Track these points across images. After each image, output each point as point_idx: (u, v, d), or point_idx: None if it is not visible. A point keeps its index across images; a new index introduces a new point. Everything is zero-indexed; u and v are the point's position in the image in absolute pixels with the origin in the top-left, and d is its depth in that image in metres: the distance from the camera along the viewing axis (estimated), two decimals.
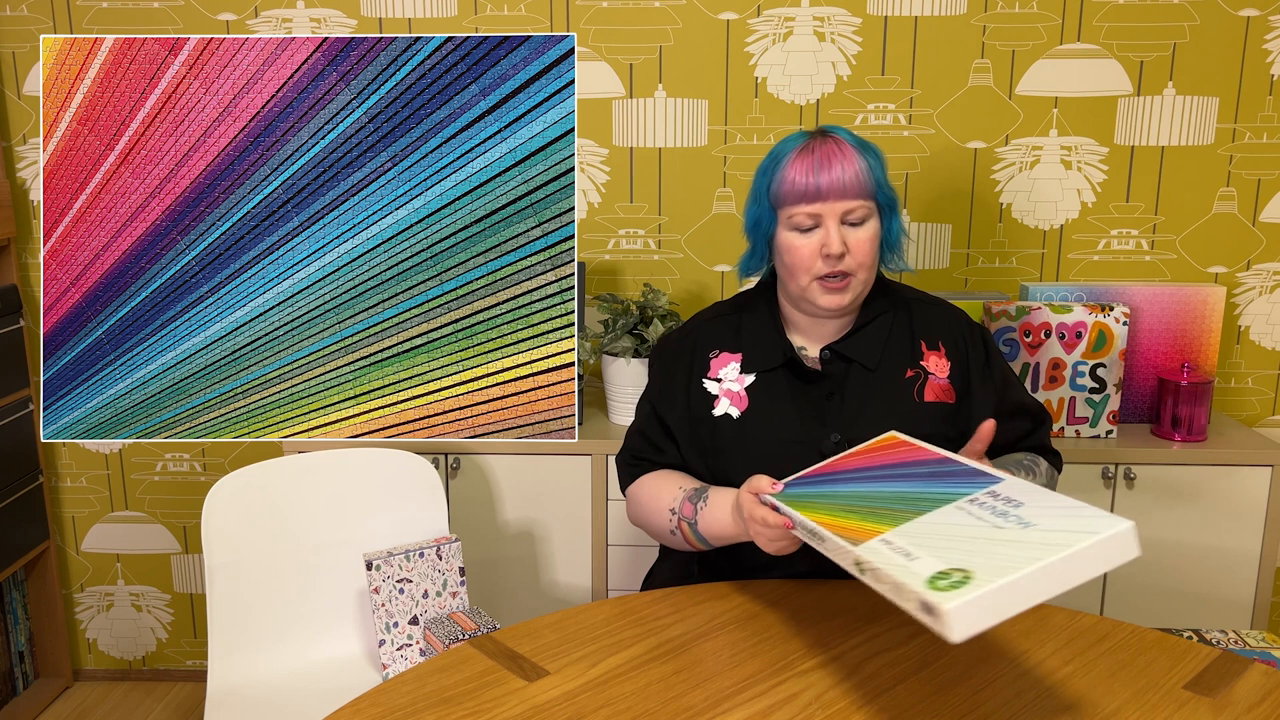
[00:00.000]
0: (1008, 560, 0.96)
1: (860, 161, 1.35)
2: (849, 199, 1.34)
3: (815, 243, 1.36)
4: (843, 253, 1.35)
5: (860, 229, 1.36)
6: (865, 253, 1.36)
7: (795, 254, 1.37)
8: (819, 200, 1.34)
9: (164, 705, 2.46)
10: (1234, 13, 2.13)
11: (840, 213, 1.35)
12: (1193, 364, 2.09)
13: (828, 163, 1.34)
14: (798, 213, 1.36)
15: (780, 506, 1.20)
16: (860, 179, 1.34)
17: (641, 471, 1.51)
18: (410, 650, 1.70)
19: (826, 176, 1.34)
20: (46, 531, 2.42)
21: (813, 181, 1.34)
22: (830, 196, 1.34)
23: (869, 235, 1.36)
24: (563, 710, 1.09)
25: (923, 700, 1.10)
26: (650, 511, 1.46)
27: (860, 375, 1.42)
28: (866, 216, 1.36)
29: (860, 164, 1.35)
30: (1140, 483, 2.01)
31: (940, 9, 2.15)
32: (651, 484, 1.47)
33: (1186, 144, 2.20)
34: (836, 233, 1.35)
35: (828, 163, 1.34)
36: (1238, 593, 2.04)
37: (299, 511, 1.80)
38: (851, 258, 1.36)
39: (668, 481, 1.45)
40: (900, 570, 0.98)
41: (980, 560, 0.97)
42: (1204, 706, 1.09)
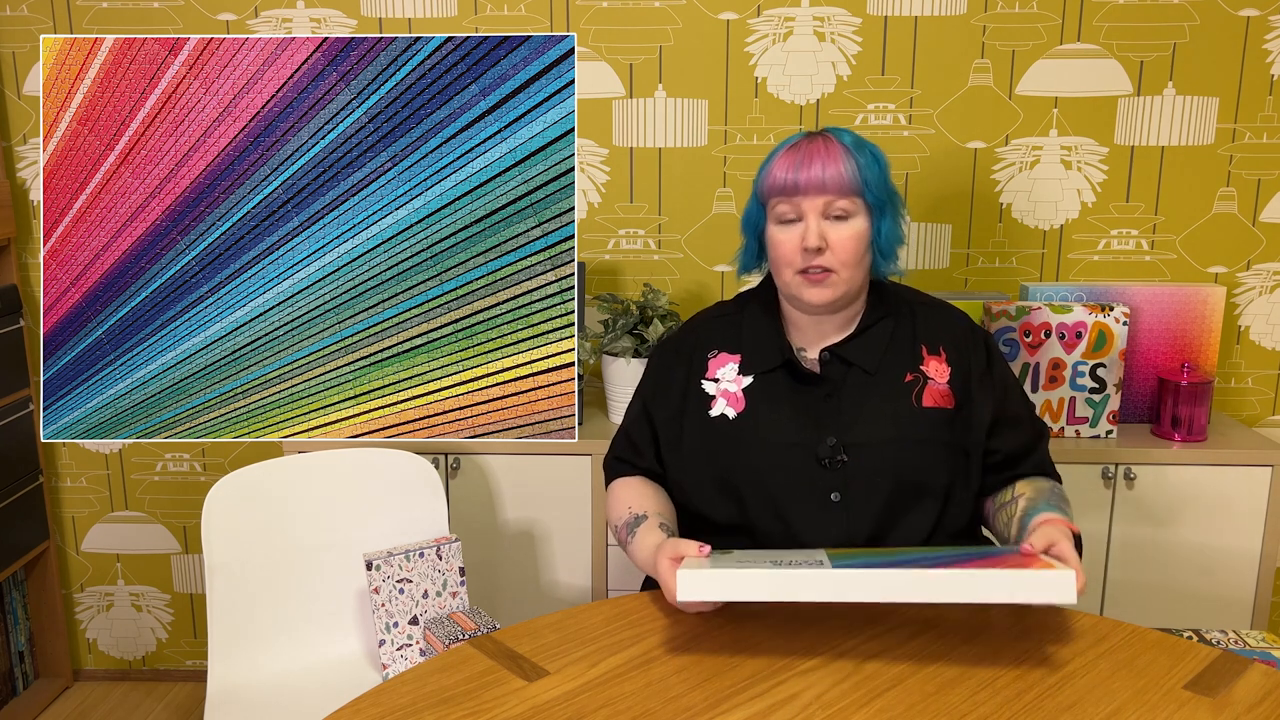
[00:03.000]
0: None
1: (847, 160, 1.35)
2: (827, 194, 1.35)
3: (796, 235, 1.37)
4: (819, 247, 1.35)
5: (842, 225, 1.37)
6: (846, 250, 1.36)
7: (778, 247, 1.39)
8: (797, 194, 1.36)
9: (164, 705, 2.46)
10: (1234, 13, 2.13)
11: (819, 207, 1.36)
12: (1193, 364, 2.09)
13: (809, 159, 1.36)
14: (779, 204, 1.38)
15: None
16: (842, 176, 1.35)
17: (620, 473, 1.54)
18: (410, 650, 1.70)
19: (806, 172, 1.35)
20: (46, 531, 2.42)
21: (792, 176, 1.36)
22: (809, 191, 1.35)
23: (851, 233, 1.37)
24: (563, 710, 1.09)
25: (923, 700, 1.10)
26: (610, 516, 1.52)
27: (859, 378, 1.41)
28: (850, 213, 1.37)
29: (846, 162, 1.35)
30: (1140, 483, 2.01)
31: (940, 9, 2.15)
32: (617, 491, 1.51)
33: (1186, 144, 2.20)
34: (816, 227, 1.36)
35: (809, 159, 1.36)
36: (1238, 593, 2.04)
37: (299, 511, 1.80)
38: (832, 254, 1.36)
39: (627, 494, 1.48)
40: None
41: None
42: (1204, 706, 1.09)
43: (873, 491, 1.37)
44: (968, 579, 1.11)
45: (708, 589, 1.14)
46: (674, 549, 1.27)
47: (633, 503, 1.46)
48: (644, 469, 1.52)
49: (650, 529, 1.39)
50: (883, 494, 1.37)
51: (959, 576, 1.11)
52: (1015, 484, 1.45)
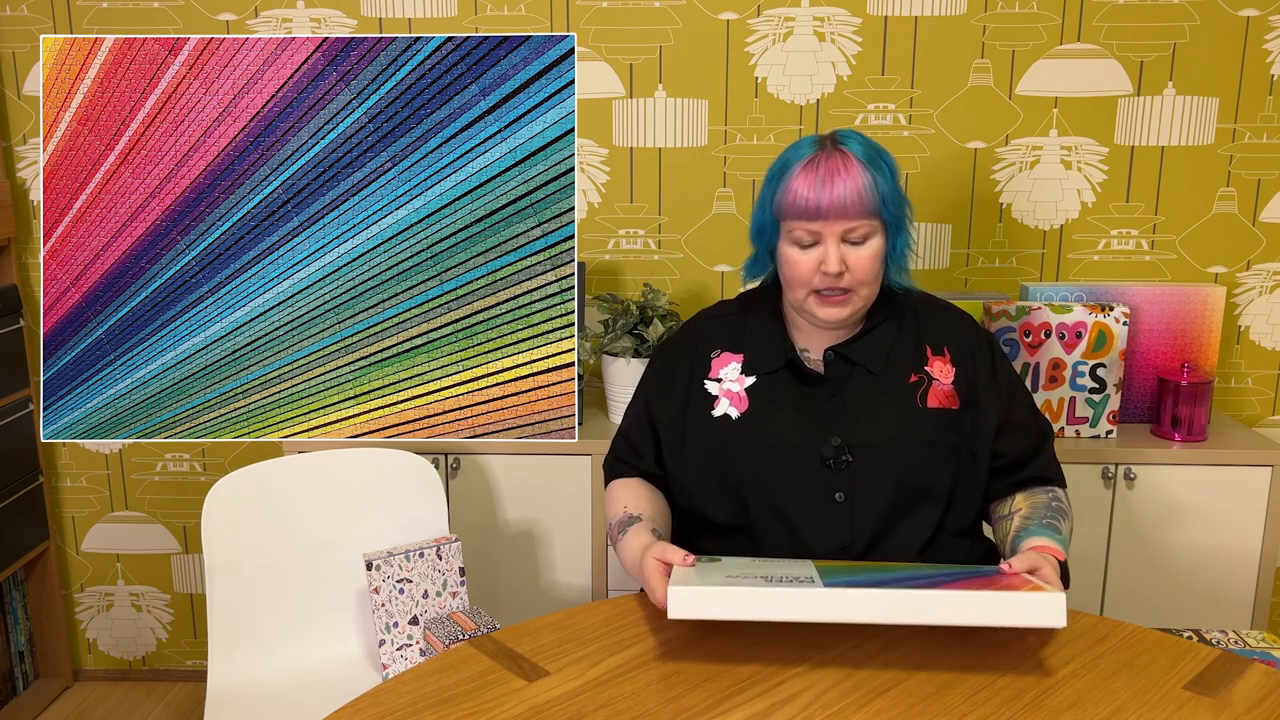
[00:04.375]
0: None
1: (865, 177, 1.32)
2: (849, 219, 1.32)
3: (814, 259, 1.35)
4: (841, 271, 1.34)
5: (861, 248, 1.35)
6: (865, 270, 1.35)
7: (794, 268, 1.37)
8: (819, 219, 1.33)
9: (164, 705, 2.46)
10: (1234, 13, 2.13)
11: (840, 231, 1.33)
12: (1193, 364, 2.09)
13: (830, 180, 1.32)
14: (798, 228, 1.35)
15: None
16: (863, 197, 1.32)
17: (620, 473, 1.54)
18: (410, 650, 1.70)
19: (828, 195, 1.32)
20: (46, 531, 2.42)
21: (813, 199, 1.32)
22: (831, 216, 1.32)
23: (870, 254, 1.35)
24: (563, 710, 1.09)
25: (923, 700, 1.10)
26: (606, 514, 1.52)
27: (863, 378, 1.41)
28: (869, 235, 1.34)
29: (865, 180, 1.32)
30: (1140, 483, 2.01)
31: (940, 9, 2.15)
32: (616, 491, 1.51)
33: (1186, 144, 2.20)
34: (836, 251, 1.33)
35: (830, 180, 1.32)
36: (1238, 593, 2.04)
37: (299, 511, 1.80)
38: (851, 275, 1.35)
39: (625, 494, 1.48)
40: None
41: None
42: (1204, 706, 1.09)
43: (877, 492, 1.37)
44: (959, 601, 1.11)
45: (699, 607, 1.13)
46: (661, 552, 1.27)
47: (629, 503, 1.46)
48: (643, 471, 1.52)
49: (641, 531, 1.38)
50: (887, 494, 1.37)
51: (950, 599, 1.11)
52: (1016, 496, 1.45)
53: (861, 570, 1.24)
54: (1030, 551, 1.28)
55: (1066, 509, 1.43)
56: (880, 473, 1.37)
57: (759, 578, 1.17)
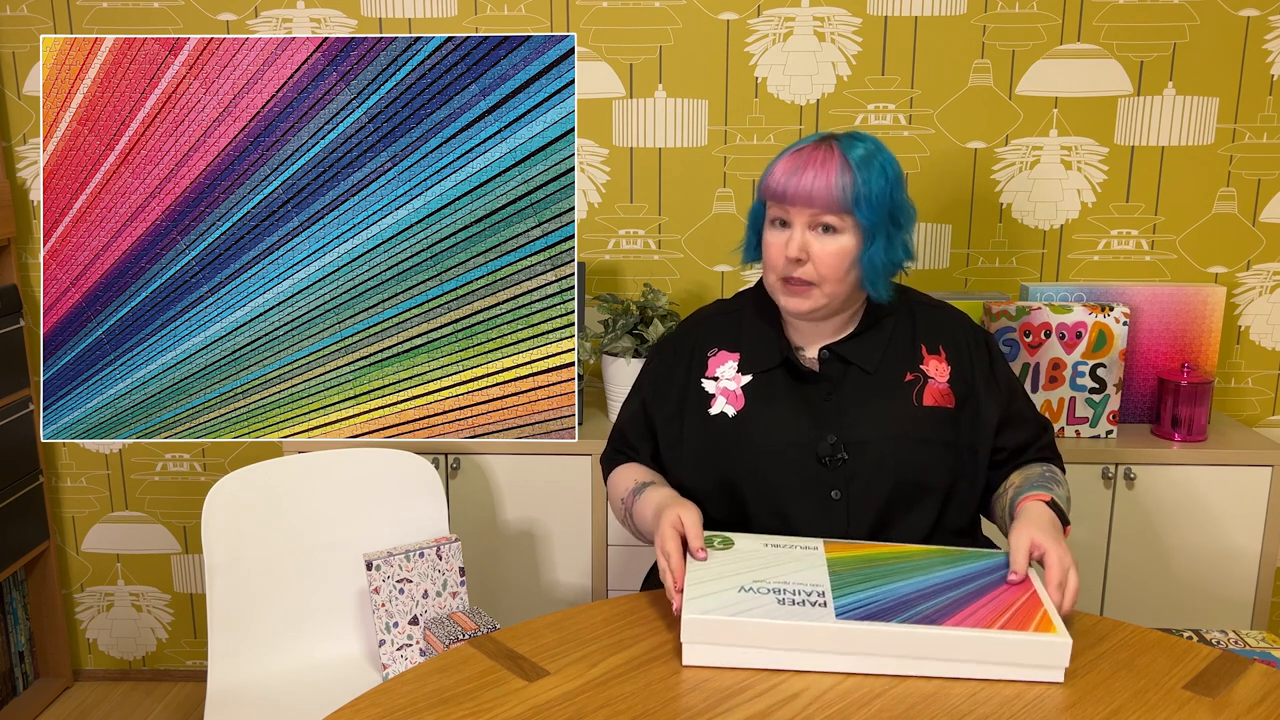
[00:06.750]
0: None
1: (842, 175, 1.32)
2: (814, 208, 1.34)
3: (784, 242, 1.37)
4: (800, 258, 1.35)
5: (828, 239, 1.35)
6: (828, 265, 1.35)
7: (767, 249, 1.40)
8: (786, 201, 1.35)
9: (164, 705, 2.46)
10: (1234, 13, 2.13)
11: (808, 218, 1.35)
12: (1193, 364, 2.09)
13: (805, 168, 1.34)
14: (773, 208, 1.38)
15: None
16: (830, 191, 1.32)
17: (619, 462, 1.55)
18: (410, 650, 1.70)
19: (797, 181, 1.34)
20: (46, 531, 2.43)
21: (783, 181, 1.35)
22: (796, 201, 1.34)
23: (836, 249, 1.35)
24: (563, 710, 1.09)
25: (923, 700, 1.10)
26: (613, 499, 1.53)
27: (858, 377, 1.42)
28: (838, 228, 1.35)
29: (841, 178, 1.32)
30: (1140, 483, 2.01)
31: (940, 9, 2.15)
32: (620, 473, 1.53)
33: (1186, 144, 2.20)
34: (800, 237, 1.35)
35: (805, 168, 1.34)
36: (1238, 593, 2.04)
37: (299, 511, 1.80)
38: (813, 267, 1.35)
39: (632, 472, 1.50)
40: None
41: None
42: (1204, 706, 1.09)
43: (873, 490, 1.37)
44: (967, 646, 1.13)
45: (713, 634, 1.15)
46: (677, 519, 1.28)
47: (638, 475, 1.48)
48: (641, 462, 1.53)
49: (660, 488, 1.41)
50: (883, 492, 1.37)
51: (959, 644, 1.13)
52: (1011, 474, 1.47)
53: (870, 561, 1.25)
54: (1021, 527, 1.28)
55: (1061, 480, 1.44)
56: (876, 470, 1.37)
57: (771, 590, 1.18)
